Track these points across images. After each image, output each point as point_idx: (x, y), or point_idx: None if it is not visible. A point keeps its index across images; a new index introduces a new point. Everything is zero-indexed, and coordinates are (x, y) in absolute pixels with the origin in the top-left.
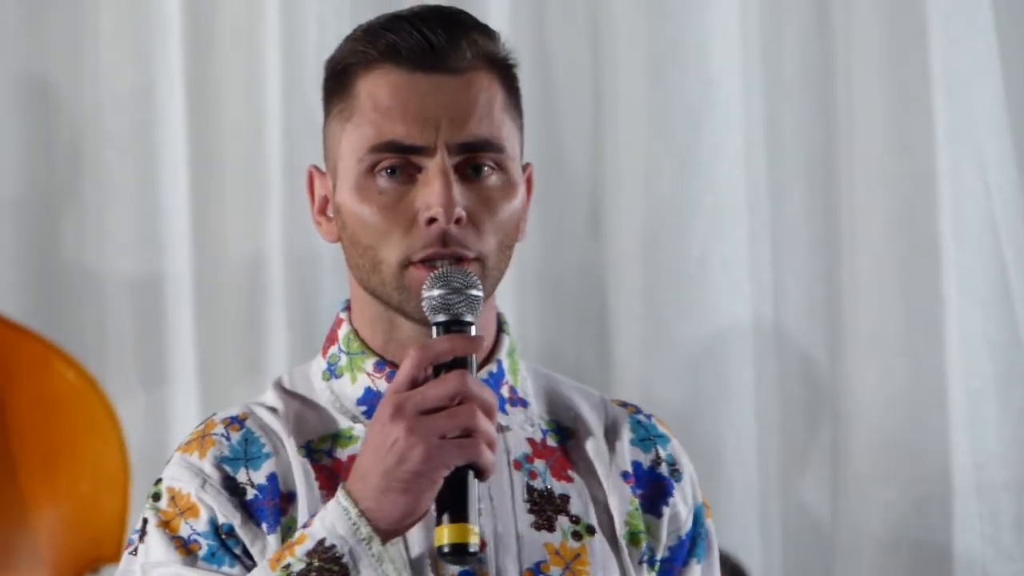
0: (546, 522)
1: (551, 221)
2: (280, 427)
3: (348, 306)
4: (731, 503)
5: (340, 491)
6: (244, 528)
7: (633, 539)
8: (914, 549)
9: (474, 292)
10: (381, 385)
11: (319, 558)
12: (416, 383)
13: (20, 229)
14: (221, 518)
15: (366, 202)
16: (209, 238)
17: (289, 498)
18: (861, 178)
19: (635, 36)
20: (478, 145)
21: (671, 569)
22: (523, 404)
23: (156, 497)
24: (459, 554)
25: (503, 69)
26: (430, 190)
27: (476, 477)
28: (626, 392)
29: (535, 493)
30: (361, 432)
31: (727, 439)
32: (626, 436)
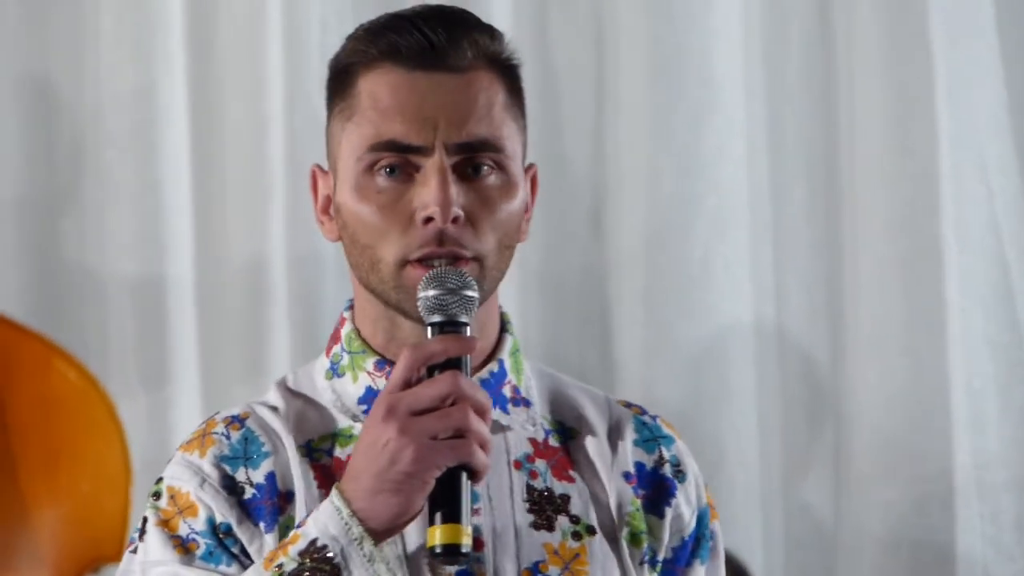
0: (545, 522)
1: (553, 221)
2: (280, 426)
3: (351, 305)
4: (733, 503)
5: (334, 491)
6: (241, 527)
7: (634, 539)
8: (915, 549)
9: (469, 293)
10: (381, 384)
11: (311, 558)
12: (409, 384)
13: (22, 229)
14: (219, 517)
15: (365, 201)
16: (211, 238)
17: (287, 497)
18: (863, 179)
19: (637, 37)
20: (476, 145)
21: (673, 570)
22: (526, 404)
23: (156, 496)
24: (451, 555)
25: (505, 69)
26: (427, 189)
27: (469, 478)
28: (627, 392)
29: (535, 493)
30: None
31: (729, 440)
32: (629, 437)
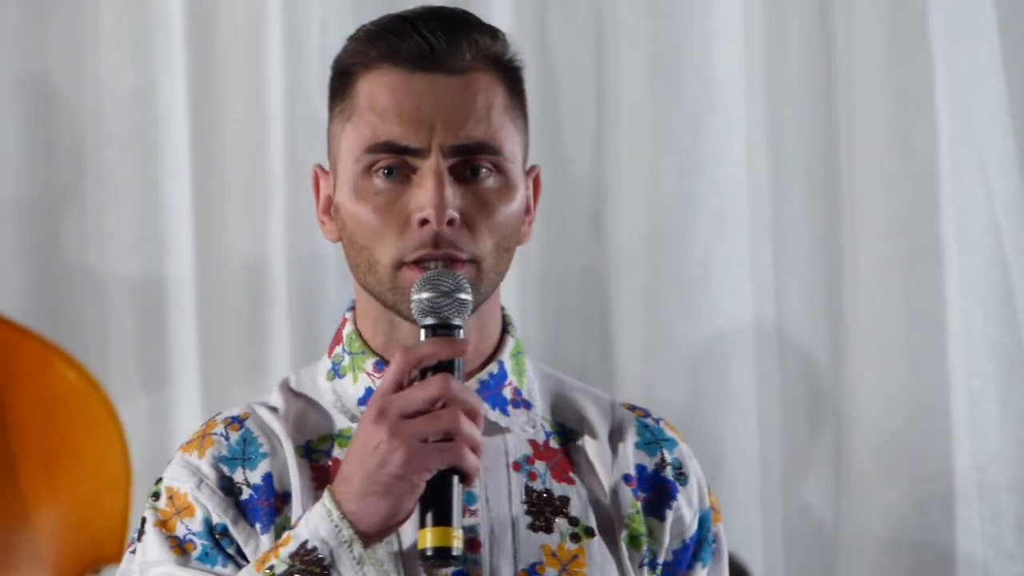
0: (543, 523)
1: (553, 221)
2: (279, 427)
3: (353, 306)
4: (733, 504)
5: (325, 493)
6: (237, 528)
7: (633, 542)
8: (916, 550)
9: (462, 296)
10: None
11: (301, 560)
12: (401, 386)
13: (21, 229)
14: (215, 518)
15: (362, 202)
16: (211, 239)
17: (284, 498)
18: (863, 179)
19: (637, 38)
20: (473, 147)
21: (675, 573)
22: (527, 406)
23: (156, 496)
24: (441, 558)
25: (506, 71)
26: (423, 191)
27: (461, 481)
28: (628, 393)
29: (534, 494)
30: None
31: (729, 440)
32: (631, 439)
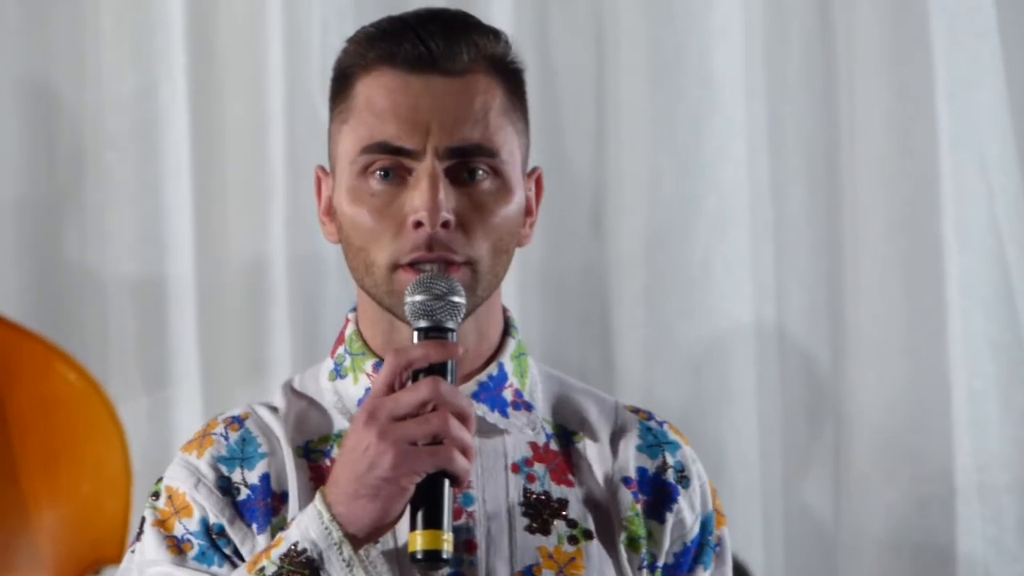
0: (541, 526)
1: (554, 222)
2: (278, 427)
3: (356, 307)
4: (733, 504)
5: (317, 495)
6: (234, 528)
7: (632, 544)
8: (916, 550)
9: (455, 299)
10: None
11: (291, 561)
12: (393, 389)
13: (22, 230)
14: (212, 518)
15: (358, 204)
16: (211, 239)
17: (282, 498)
18: (863, 180)
19: (637, 38)
20: (469, 149)
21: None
22: (528, 408)
23: (155, 496)
24: (431, 561)
25: (505, 72)
26: (417, 193)
27: (451, 484)
28: (628, 393)
29: (532, 496)
30: None
31: (729, 440)
32: (632, 442)
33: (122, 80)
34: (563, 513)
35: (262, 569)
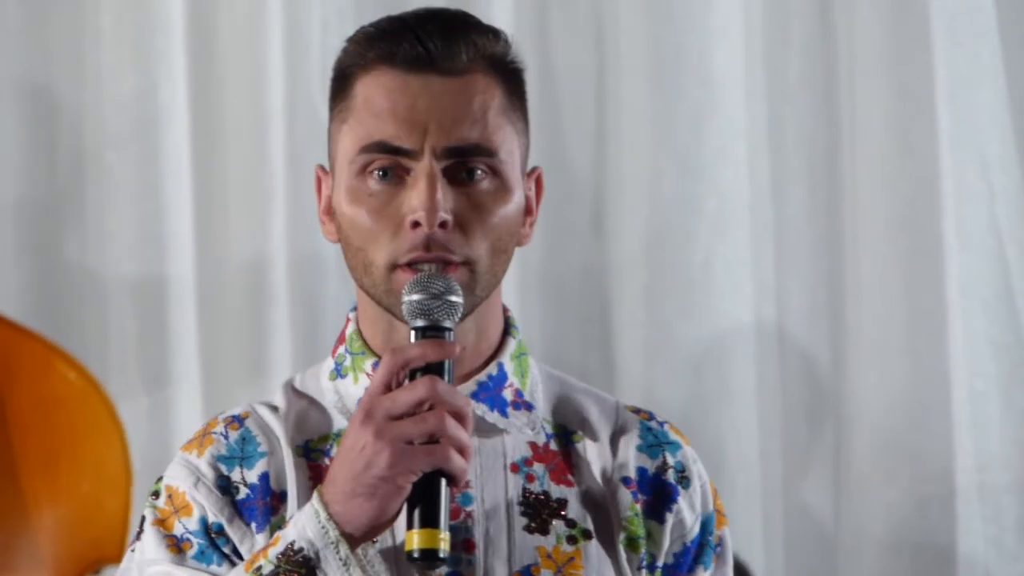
0: (540, 525)
1: (553, 222)
2: (278, 426)
3: (356, 306)
4: (733, 504)
5: (315, 494)
6: (233, 527)
7: (631, 544)
8: (916, 551)
9: (453, 298)
10: None
11: (288, 560)
12: (390, 388)
13: (22, 230)
14: (211, 517)
15: (356, 203)
16: (212, 239)
17: (281, 497)
18: (864, 180)
19: (637, 38)
20: (467, 149)
21: None
22: (528, 407)
23: (156, 495)
24: (427, 559)
25: (505, 72)
26: (415, 193)
27: (448, 483)
28: (628, 393)
29: (531, 496)
30: None
31: (729, 440)
32: (633, 442)
33: (122, 80)
34: (562, 513)
35: (259, 568)
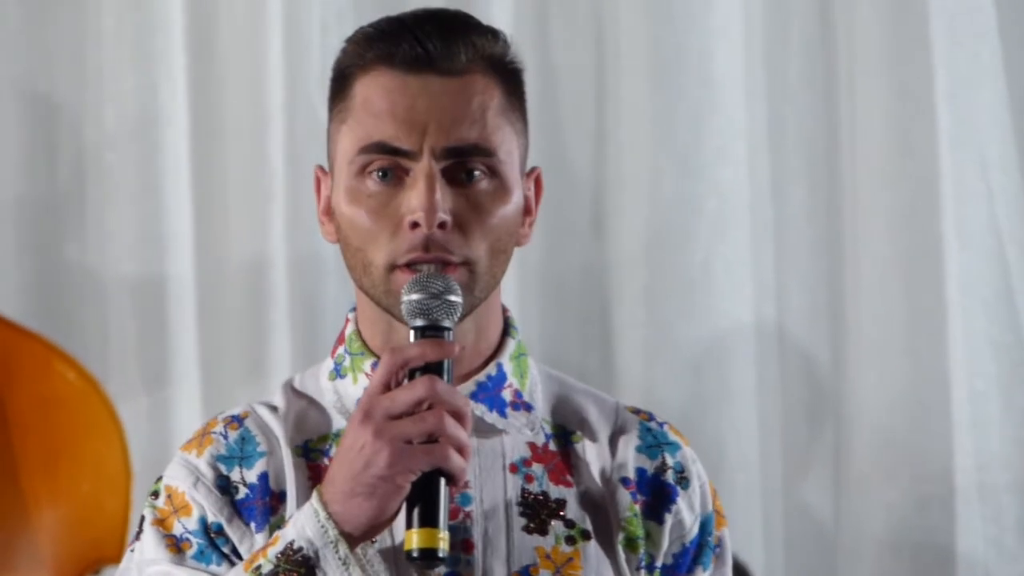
0: (539, 526)
1: (553, 222)
2: (278, 426)
3: (356, 307)
4: (733, 504)
5: (314, 493)
6: (232, 527)
7: (630, 545)
8: (916, 550)
9: (452, 298)
10: None
11: (287, 559)
12: (389, 387)
13: (22, 230)
14: (211, 517)
15: (355, 204)
16: (211, 239)
17: (280, 497)
18: (864, 179)
19: (637, 38)
20: (466, 150)
21: None
22: (527, 408)
23: (155, 495)
24: (426, 559)
25: (504, 72)
26: (414, 194)
27: (447, 483)
28: (628, 394)
29: (530, 497)
30: None
31: (729, 440)
32: (632, 442)
33: (122, 80)
34: (561, 513)
35: (259, 568)
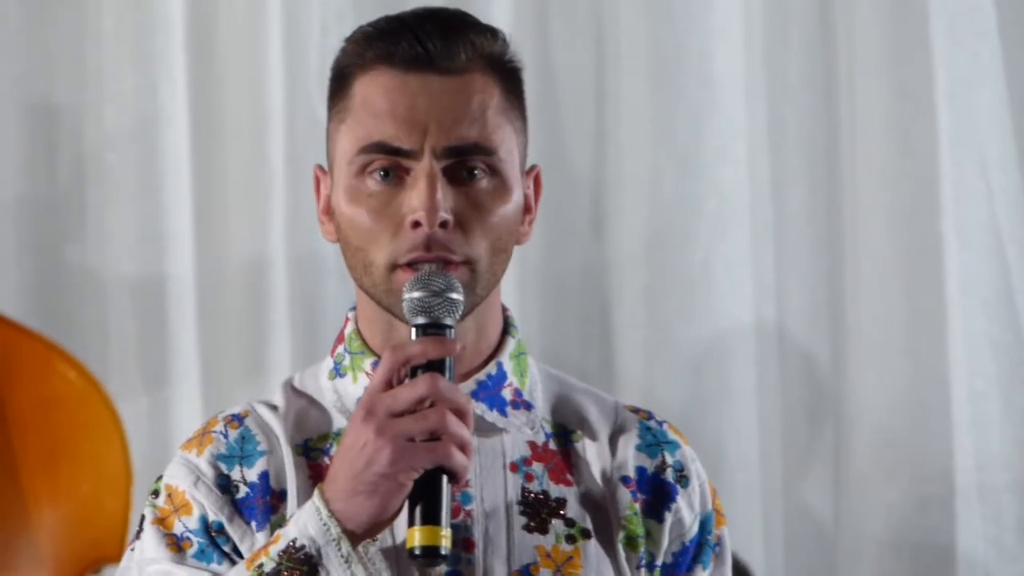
0: (539, 525)
1: (553, 222)
2: (278, 425)
3: (356, 306)
4: (733, 504)
5: (316, 492)
6: (233, 525)
7: (631, 543)
8: (916, 550)
9: (454, 296)
10: None
11: (289, 557)
12: (391, 385)
13: (22, 230)
14: (212, 515)
15: (356, 203)
16: (211, 239)
17: (280, 496)
18: (863, 179)
19: (638, 38)
20: (467, 149)
21: (674, 575)
22: (527, 407)
23: (155, 494)
24: (429, 557)
25: (503, 71)
26: (415, 193)
27: (450, 480)
28: (628, 393)
29: (530, 495)
30: None
31: (729, 440)
32: (632, 441)
33: (122, 80)
34: (561, 512)
35: (261, 566)
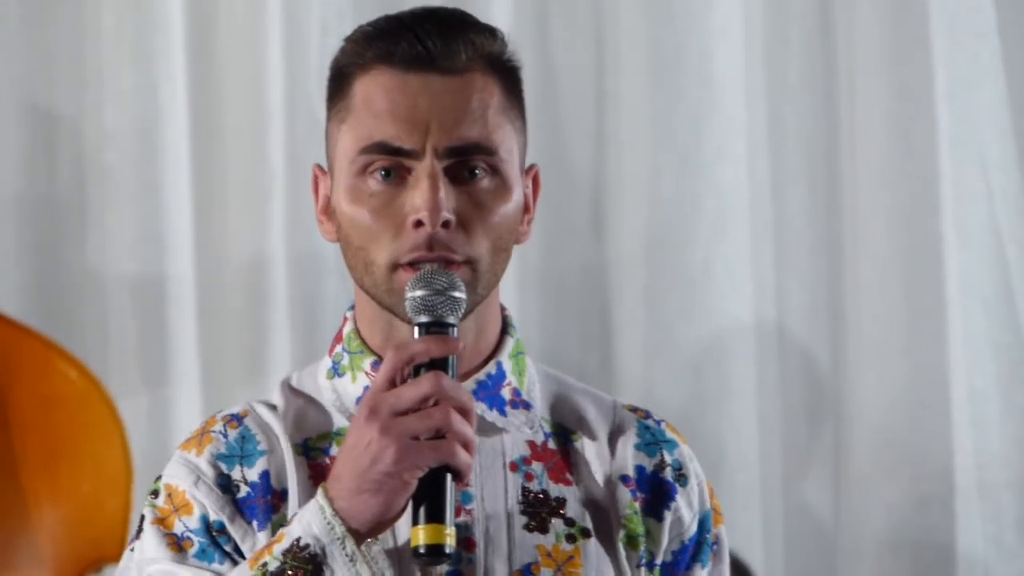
0: (539, 524)
1: (553, 221)
2: (277, 424)
3: (354, 306)
4: (733, 504)
5: (319, 490)
6: (234, 525)
7: (631, 542)
8: (916, 549)
9: (456, 294)
10: None
11: (294, 556)
12: (394, 384)
13: (22, 229)
14: (212, 515)
15: (357, 203)
16: (211, 238)
17: (281, 496)
18: (863, 179)
19: (638, 38)
20: (468, 148)
21: (673, 574)
22: (526, 406)
23: (155, 494)
24: (434, 555)
25: (503, 71)
26: (417, 193)
27: (454, 479)
28: (628, 393)
29: (530, 495)
30: None
31: (729, 440)
32: (631, 440)
33: (122, 80)
34: (561, 512)
35: (264, 565)
